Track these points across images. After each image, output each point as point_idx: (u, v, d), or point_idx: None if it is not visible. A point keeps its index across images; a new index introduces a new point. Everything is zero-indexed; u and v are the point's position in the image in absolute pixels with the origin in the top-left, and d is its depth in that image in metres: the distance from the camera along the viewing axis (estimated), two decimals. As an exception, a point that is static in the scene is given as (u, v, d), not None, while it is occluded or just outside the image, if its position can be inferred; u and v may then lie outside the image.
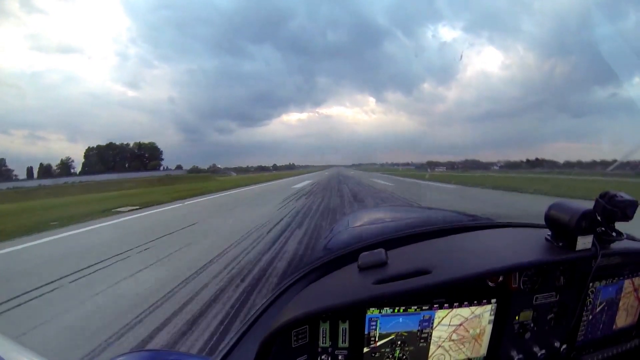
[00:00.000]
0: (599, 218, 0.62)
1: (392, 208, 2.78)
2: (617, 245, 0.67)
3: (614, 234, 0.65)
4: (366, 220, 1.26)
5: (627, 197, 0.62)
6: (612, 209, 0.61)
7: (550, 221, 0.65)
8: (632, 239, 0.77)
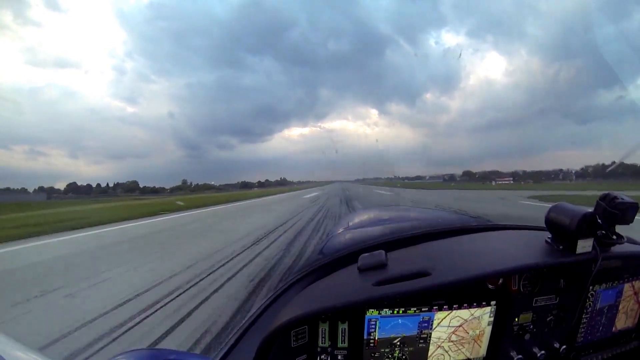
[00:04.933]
0: (599, 221, 0.62)
1: (391, 209, 2.76)
2: (617, 249, 0.66)
3: (614, 237, 0.64)
4: (365, 221, 1.25)
5: (627, 199, 0.61)
6: (612, 212, 0.61)
7: (551, 224, 0.65)
8: (633, 242, 0.76)
